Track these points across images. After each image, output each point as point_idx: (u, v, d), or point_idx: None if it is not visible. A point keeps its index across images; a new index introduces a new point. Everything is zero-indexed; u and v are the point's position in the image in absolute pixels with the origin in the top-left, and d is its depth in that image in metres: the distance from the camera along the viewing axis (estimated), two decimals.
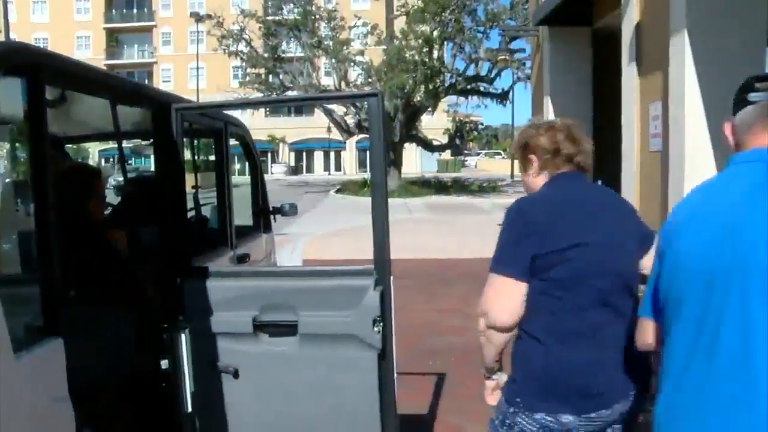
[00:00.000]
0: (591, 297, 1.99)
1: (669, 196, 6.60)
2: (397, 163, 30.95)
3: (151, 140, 2.94)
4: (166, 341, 2.80)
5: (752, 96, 1.67)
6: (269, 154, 59.75)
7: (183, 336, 2.79)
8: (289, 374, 2.69)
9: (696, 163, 6.24)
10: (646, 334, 1.79)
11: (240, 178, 5.47)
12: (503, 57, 15.63)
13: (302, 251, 12.04)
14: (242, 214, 4.86)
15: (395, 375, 2.67)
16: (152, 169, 3.32)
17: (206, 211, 4.58)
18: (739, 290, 1.47)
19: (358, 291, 2.56)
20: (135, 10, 62.37)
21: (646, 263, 2.04)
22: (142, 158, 30.65)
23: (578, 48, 10.84)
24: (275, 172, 56.89)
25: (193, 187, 4.02)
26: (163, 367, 2.92)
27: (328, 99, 4.38)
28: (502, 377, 2.21)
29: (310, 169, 61.14)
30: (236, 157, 7.17)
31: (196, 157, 4.15)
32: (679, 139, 6.37)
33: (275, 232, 5.22)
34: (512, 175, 40.57)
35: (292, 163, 61.29)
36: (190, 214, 4.47)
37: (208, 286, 2.73)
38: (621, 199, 2.31)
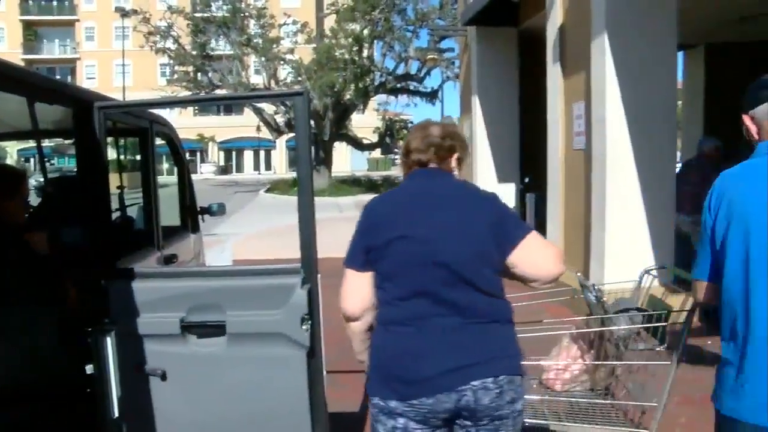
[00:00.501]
0: (411, 288, 2.08)
1: (592, 192, 6.83)
2: (328, 162, 30.89)
3: (73, 139, 2.86)
4: (90, 345, 2.74)
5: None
6: (198, 154, 58.62)
7: (108, 339, 2.74)
8: (218, 375, 2.67)
9: (617, 160, 6.49)
10: (699, 292, 2.07)
11: (168, 178, 5.39)
12: (432, 56, 15.84)
13: (232, 251, 11.89)
14: (170, 215, 4.78)
15: (324, 373, 2.69)
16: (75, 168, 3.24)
17: (133, 212, 4.49)
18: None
19: (286, 289, 2.57)
20: (55, 2, 59.64)
21: (514, 260, 2.09)
22: (66, 158, 29.69)
23: (505, 48, 11.09)
24: (204, 172, 55.89)
25: (118, 188, 3.93)
26: (88, 371, 2.86)
27: (254, 98, 4.37)
28: None
29: (240, 169, 60.29)
30: (164, 157, 7.04)
31: (122, 157, 4.06)
32: (601, 138, 6.60)
33: (205, 233, 5.16)
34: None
35: (222, 163, 60.33)
36: (116, 214, 4.38)
37: (134, 287, 2.68)
38: (477, 195, 2.21)
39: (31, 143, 3.62)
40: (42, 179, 3.25)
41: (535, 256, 2.12)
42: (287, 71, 31.42)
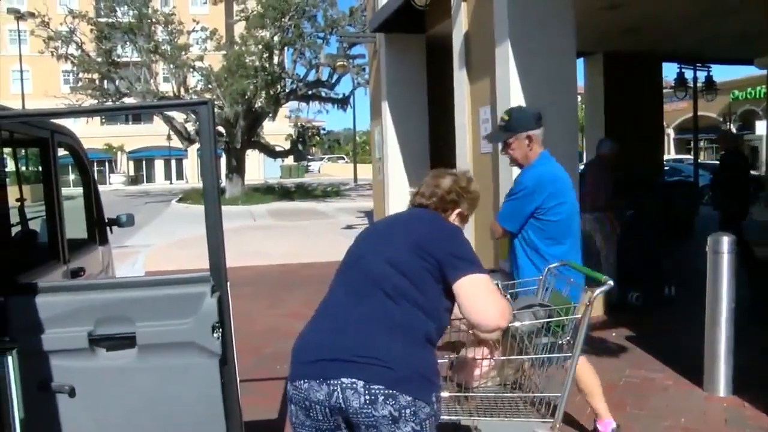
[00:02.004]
0: (337, 282, 2.32)
1: (500, 194, 7.03)
2: (240, 170, 30.50)
3: None
4: None
5: None
6: (107, 164, 56.65)
7: (9, 358, 2.64)
8: (129, 388, 2.62)
9: None
10: None
11: (75, 190, 5.21)
12: (341, 63, 15.95)
13: (144, 263, 11.61)
14: (76, 227, 4.64)
15: (238, 380, 2.68)
16: None
17: (37, 225, 4.34)
18: None
19: (195, 298, 2.56)
20: None
21: (456, 293, 2.18)
22: None
23: (413, 55, 11.30)
24: (114, 183, 54.08)
25: (17, 200, 3.78)
26: None
27: (157, 108, 4.26)
28: None
29: (150, 179, 58.62)
30: (70, 168, 6.77)
31: (24, 168, 3.91)
32: None
33: (116, 245, 5.02)
34: (355, 179, 41.25)
35: (132, 173, 58.50)
36: (17, 228, 4.22)
37: (36, 302, 2.60)
38: (432, 224, 2.37)
39: None
40: None
41: (472, 298, 2.18)
42: (197, 79, 30.81)
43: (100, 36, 28.42)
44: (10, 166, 3.66)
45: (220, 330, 2.57)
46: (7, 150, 3.95)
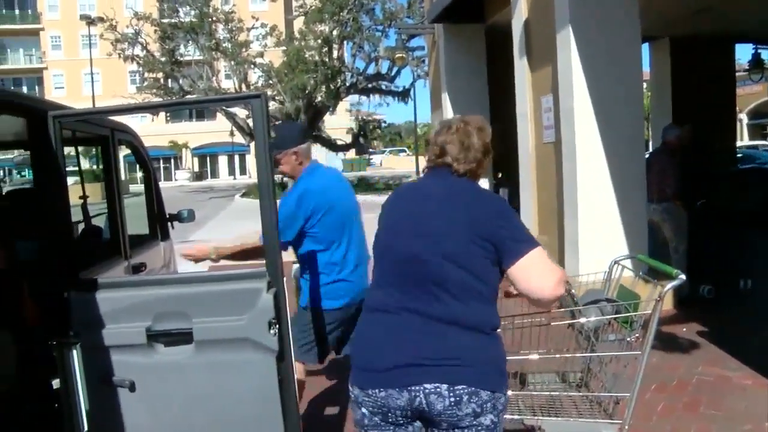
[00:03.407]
0: (385, 278, 2.16)
1: (564, 184, 6.86)
2: None
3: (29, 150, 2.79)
4: (55, 359, 2.68)
5: None
6: (172, 161, 58.14)
7: (74, 352, 2.68)
8: (186, 383, 2.62)
9: (586, 151, 6.52)
10: None
11: (140, 186, 5.33)
12: (400, 55, 15.81)
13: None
14: (138, 223, 4.73)
15: (296, 377, 2.65)
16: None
17: (101, 221, 4.41)
18: None
19: (251, 294, 2.53)
20: (17, 11, 58.55)
21: (513, 276, 2.06)
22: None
23: (472, 44, 11.11)
24: (179, 179, 55.44)
25: (80, 197, 3.85)
26: (54, 386, 2.80)
27: (210, 102, 4.28)
28: None
29: (214, 174, 59.85)
30: (137, 165, 6.90)
31: (88, 166, 3.97)
32: (569, 130, 6.63)
33: (181, 240, 5.08)
34: (417, 172, 41.13)
35: (196, 169, 59.86)
36: (81, 224, 4.31)
37: (97, 297, 2.62)
38: (475, 197, 2.15)
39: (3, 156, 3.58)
40: None
41: (534, 273, 2.07)
42: (258, 75, 31.21)
43: (164, 36, 29.10)
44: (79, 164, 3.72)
45: (277, 326, 2.54)
46: (72, 149, 4.05)
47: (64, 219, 2.75)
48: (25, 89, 56.96)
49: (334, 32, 28.18)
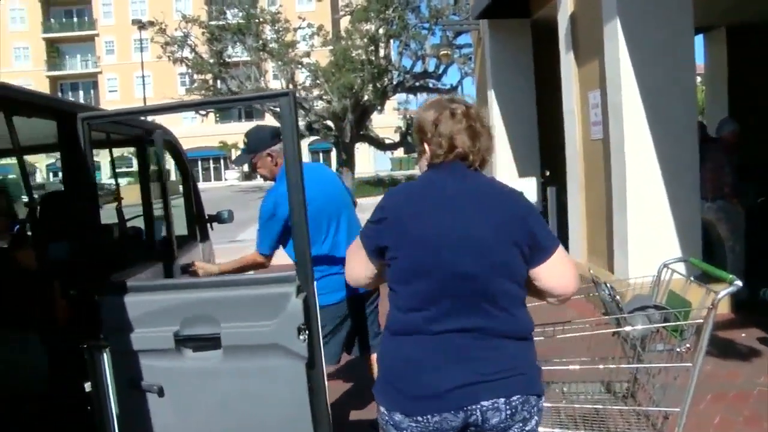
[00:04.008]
0: (422, 297, 1.91)
1: (612, 183, 6.64)
2: (350, 164, 30.80)
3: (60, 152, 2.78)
4: (86, 362, 2.66)
5: None
6: (222, 161, 58.97)
7: (104, 355, 2.66)
8: (214, 389, 2.57)
9: (635, 148, 6.29)
10: None
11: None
12: (445, 52, 15.57)
13: None
14: (177, 224, 4.72)
15: (326, 385, 2.57)
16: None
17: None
18: None
19: (280, 299, 2.46)
20: (75, 19, 60.47)
21: (540, 273, 1.95)
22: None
23: (518, 40, 10.89)
24: (228, 178, 56.22)
25: (115, 199, 3.85)
26: (87, 389, 2.78)
27: (239, 101, 4.25)
28: None
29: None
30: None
31: (137, 168, 3.92)
32: (618, 126, 6.41)
33: (228, 240, 5.02)
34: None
35: (246, 169, 60.48)
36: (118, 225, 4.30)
37: (126, 301, 2.59)
38: (504, 197, 1.99)
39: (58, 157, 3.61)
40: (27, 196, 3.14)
41: (560, 270, 1.99)
42: (305, 74, 31.40)
43: (212, 38, 29.51)
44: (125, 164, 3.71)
45: (306, 332, 2.46)
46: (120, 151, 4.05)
47: (94, 221, 2.73)
48: (81, 93, 58.86)
49: (380, 31, 28.13)
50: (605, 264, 7.07)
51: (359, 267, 2.12)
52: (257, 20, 29.37)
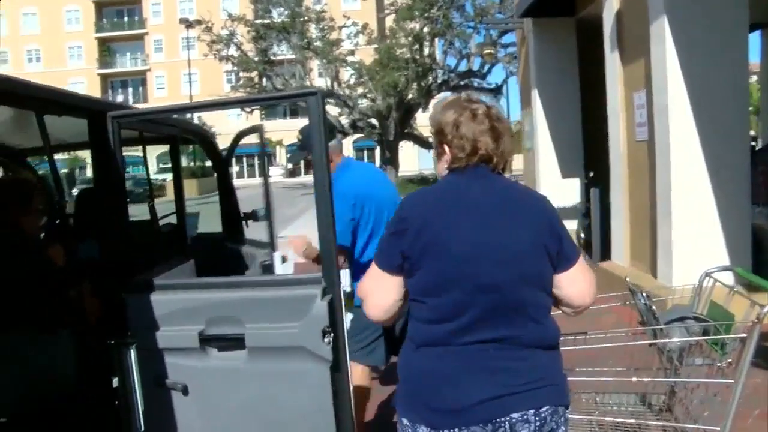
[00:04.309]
0: (448, 309, 1.82)
1: (657, 186, 6.46)
2: (394, 162, 30.79)
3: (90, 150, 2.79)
4: (113, 358, 2.67)
5: None
6: (266, 158, 59.54)
7: (131, 352, 2.66)
8: (239, 390, 2.54)
9: (682, 150, 6.11)
10: None
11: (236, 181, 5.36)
12: (488, 51, 15.40)
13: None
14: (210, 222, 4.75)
15: (351, 389, 2.52)
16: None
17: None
18: None
19: (305, 301, 2.41)
20: (126, 18, 61.93)
21: (562, 282, 1.89)
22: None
23: (563, 38, 10.69)
24: (273, 175, 56.71)
25: (148, 196, 3.86)
26: (115, 384, 2.79)
27: (267, 100, 4.23)
28: None
29: (308, 171, 60.24)
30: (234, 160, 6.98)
31: (186, 163, 3.94)
32: (663, 128, 6.24)
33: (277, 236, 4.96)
34: (510, 169, 40.60)
35: (290, 165, 61.01)
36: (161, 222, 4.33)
37: (152, 299, 2.58)
38: (531, 203, 1.94)
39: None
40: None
41: (581, 279, 1.93)
42: (349, 73, 31.49)
43: (257, 36, 29.80)
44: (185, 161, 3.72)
45: (332, 335, 2.41)
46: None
47: (122, 219, 2.73)
48: (130, 90, 60.14)
49: (425, 29, 28.07)
50: (648, 269, 6.88)
51: (386, 293, 1.93)
52: (302, 18, 29.56)
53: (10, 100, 2.33)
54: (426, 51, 29.13)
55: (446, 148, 1.96)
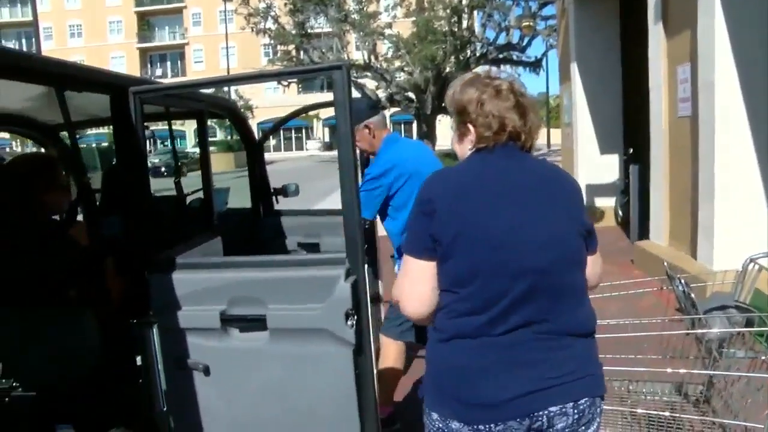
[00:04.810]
0: (484, 298, 1.71)
1: (699, 164, 6.23)
2: (431, 136, 30.53)
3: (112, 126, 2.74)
4: (137, 337, 2.65)
5: None
6: (304, 131, 59.66)
7: (153, 331, 2.63)
8: (260, 371, 2.50)
9: (727, 127, 5.88)
10: None
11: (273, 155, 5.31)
12: (527, 23, 15.03)
13: None
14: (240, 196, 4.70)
15: (375, 373, 2.45)
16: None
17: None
18: None
19: (328, 282, 2.34)
20: None
21: (590, 268, 1.86)
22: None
23: (604, 10, 10.38)
24: (310, 149, 56.90)
25: (175, 172, 3.82)
26: (138, 363, 2.78)
27: (291, 74, 4.11)
28: None
29: None
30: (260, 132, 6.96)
31: (223, 137, 3.89)
32: (708, 104, 6.00)
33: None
34: (548, 144, 39.98)
35: (327, 139, 61.11)
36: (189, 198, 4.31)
37: (174, 278, 2.54)
38: (564, 184, 1.86)
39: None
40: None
41: (599, 263, 1.94)
42: (387, 46, 31.21)
43: (294, 9, 29.64)
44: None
45: (355, 317, 2.34)
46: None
47: (145, 197, 2.68)
48: (168, 64, 60.63)
49: (463, 2, 27.61)
50: (688, 250, 6.67)
51: (422, 282, 1.80)
52: None
53: (30, 76, 2.28)
54: (464, 24, 28.69)
55: (470, 127, 1.85)
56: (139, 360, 2.75)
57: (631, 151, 9.81)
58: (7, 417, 2.55)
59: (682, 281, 2.27)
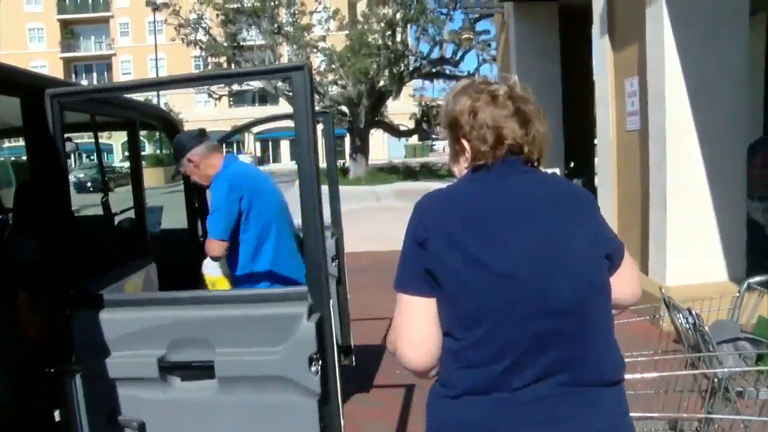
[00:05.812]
0: (497, 344, 1.39)
1: (650, 177, 6.14)
2: (364, 150, 30.43)
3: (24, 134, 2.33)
4: (55, 388, 2.23)
5: None
6: (235, 145, 58.60)
7: (76, 382, 2.21)
8: (208, 428, 2.12)
9: (678, 141, 5.79)
10: None
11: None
12: (467, 36, 15.03)
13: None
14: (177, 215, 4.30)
15: (342, 424, 2.11)
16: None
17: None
18: None
19: (288, 321, 2.00)
20: (90, 0, 60.25)
21: (617, 287, 1.52)
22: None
23: (545, 24, 10.36)
24: None
25: (102, 189, 3.40)
26: (57, 419, 2.35)
27: (247, 75, 3.82)
28: None
29: (276, 159, 60.07)
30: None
31: (152, 150, 3.49)
32: (659, 116, 5.91)
33: None
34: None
35: (258, 153, 60.24)
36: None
37: (102, 318, 2.14)
38: (578, 195, 1.56)
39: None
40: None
41: (631, 274, 1.59)
42: (320, 59, 30.96)
43: (226, 20, 29.10)
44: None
45: (320, 362, 2.00)
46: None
47: (66, 216, 2.28)
48: (95, 75, 58.61)
49: (398, 15, 27.64)
50: (639, 265, 6.57)
51: (419, 324, 1.48)
52: (272, 3, 28.92)
53: None
54: (398, 37, 28.72)
55: (464, 143, 1.55)
56: (57, 416, 2.33)
57: (572, 164, 9.78)
58: None
59: (693, 312, 2.01)
